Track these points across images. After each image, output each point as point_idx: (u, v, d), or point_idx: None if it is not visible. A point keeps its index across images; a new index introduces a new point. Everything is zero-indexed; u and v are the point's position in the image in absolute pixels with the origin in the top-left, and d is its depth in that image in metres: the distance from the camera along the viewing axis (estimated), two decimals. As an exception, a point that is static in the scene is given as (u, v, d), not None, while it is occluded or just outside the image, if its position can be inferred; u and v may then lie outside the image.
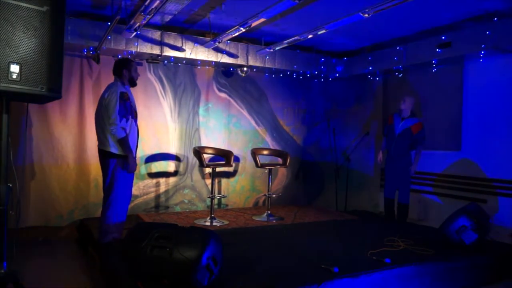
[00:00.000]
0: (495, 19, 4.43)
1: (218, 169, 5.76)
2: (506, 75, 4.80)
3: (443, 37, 4.97)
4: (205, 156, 5.25)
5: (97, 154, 5.19)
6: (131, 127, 3.75)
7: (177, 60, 5.54)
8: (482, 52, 4.70)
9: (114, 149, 3.67)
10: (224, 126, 6.17)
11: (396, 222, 5.21)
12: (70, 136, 5.14)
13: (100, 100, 3.77)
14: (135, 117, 3.83)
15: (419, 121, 5.14)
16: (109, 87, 3.77)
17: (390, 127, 5.32)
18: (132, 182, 3.91)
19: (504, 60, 4.79)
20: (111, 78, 5.27)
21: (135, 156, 3.87)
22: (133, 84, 3.91)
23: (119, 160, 3.70)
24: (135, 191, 5.51)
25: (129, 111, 3.72)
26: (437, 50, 5.04)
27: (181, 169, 5.86)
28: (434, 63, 5.39)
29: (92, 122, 5.19)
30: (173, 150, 5.79)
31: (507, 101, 4.78)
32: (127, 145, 3.68)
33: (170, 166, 5.80)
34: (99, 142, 3.79)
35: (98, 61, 5.07)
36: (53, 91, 2.31)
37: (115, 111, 3.59)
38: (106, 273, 3.43)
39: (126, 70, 3.82)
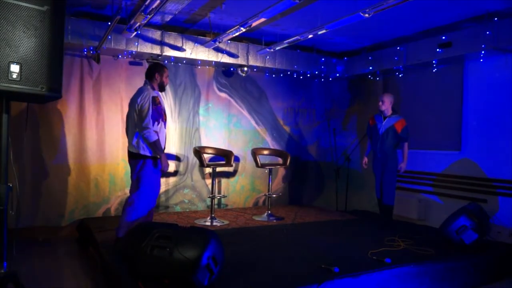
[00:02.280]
0: (495, 19, 4.43)
1: (218, 169, 5.75)
2: (506, 75, 4.79)
3: (444, 37, 4.97)
4: (205, 156, 5.25)
5: (97, 153, 5.30)
6: (160, 130, 3.87)
7: (177, 60, 5.54)
8: (482, 52, 4.70)
9: (143, 151, 3.78)
10: (224, 126, 6.17)
11: (396, 222, 5.20)
12: (70, 136, 5.14)
13: (132, 104, 3.85)
14: (164, 119, 3.94)
15: (401, 118, 5.11)
16: (141, 91, 3.87)
17: (373, 128, 5.29)
18: (158, 183, 3.99)
19: (504, 60, 4.79)
20: (111, 78, 5.36)
21: None
22: (162, 89, 4.02)
23: (147, 161, 3.80)
24: (135, 191, 5.52)
25: (160, 114, 3.83)
26: (438, 50, 5.03)
27: (181, 169, 5.85)
28: (434, 63, 5.39)
29: (92, 121, 5.26)
30: (173, 149, 5.79)
31: (507, 101, 4.77)
32: (160, 147, 3.80)
33: (170, 165, 5.77)
34: (128, 144, 3.90)
35: (98, 61, 5.07)
36: (53, 90, 2.31)
37: (149, 116, 3.70)
38: (106, 273, 3.44)
39: (159, 75, 3.93)
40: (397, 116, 5.14)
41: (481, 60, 5.00)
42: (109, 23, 4.37)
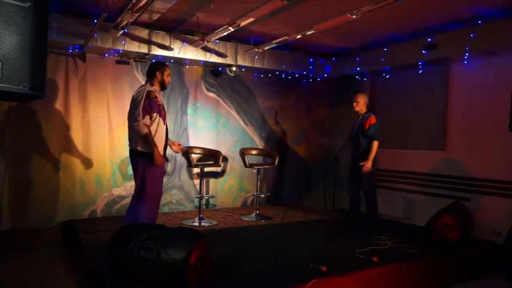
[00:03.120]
0: (479, 22, 4.51)
1: (206, 169, 5.73)
2: (489, 76, 4.88)
3: (429, 39, 5.03)
4: (193, 156, 5.23)
5: (82, 154, 5.22)
6: (158, 126, 3.84)
7: (165, 59, 5.50)
8: (467, 54, 4.77)
9: (141, 147, 3.79)
10: (212, 126, 6.15)
11: (383, 221, 5.25)
12: (54, 135, 5.05)
13: (132, 102, 3.87)
14: (162, 116, 3.91)
15: (371, 116, 5.02)
16: (140, 88, 3.90)
17: (352, 130, 5.27)
18: (161, 180, 4.03)
19: (488, 62, 4.87)
20: (97, 77, 5.29)
21: (164, 155, 4.05)
22: (164, 87, 4.05)
23: (148, 159, 3.80)
24: (121, 191, 5.47)
25: (155, 109, 3.80)
26: (423, 51, 5.09)
27: (169, 169, 5.81)
28: (420, 65, 5.45)
29: (78, 121, 5.19)
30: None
31: (490, 102, 4.86)
32: (151, 140, 3.76)
33: (158, 166, 5.75)
34: (130, 142, 3.93)
35: (84, 60, 5.00)
36: (36, 89, 2.26)
37: (139, 108, 3.71)
38: (93, 276, 3.39)
39: (160, 73, 3.97)
40: (368, 114, 5.08)
41: (465, 62, 5.08)
42: (95, 21, 4.32)
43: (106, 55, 5.26)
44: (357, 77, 6.50)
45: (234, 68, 5.82)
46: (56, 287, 3.59)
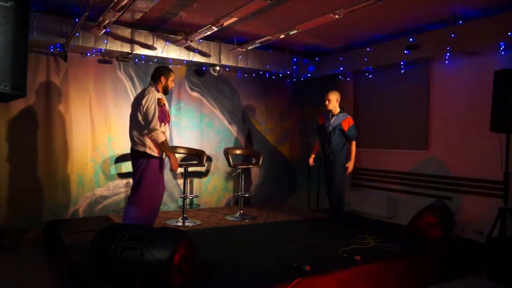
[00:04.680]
0: (460, 22, 4.59)
1: (190, 169, 5.70)
2: (470, 76, 4.97)
3: (411, 39, 5.10)
4: (177, 155, 5.19)
5: (64, 153, 5.14)
6: (166, 131, 3.98)
7: (148, 58, 5.46)
8: (448, 54, 4.85)
9: (149, 150, 3.87)
10: (196, 126, 6.13)
11: (366, 220, 5.30)
12: (35, 135, 4.97)
13: (137, 105, 3.91)
14: (168, 121, 4.04)
15: (348, 117, 5.11)
16: (146, 92, 3.91)
17: (321, 127, 5.29)
18: (161, 184, 4.08)
19: (469, 62, 4.96)
20: (79, 77, 5.22)
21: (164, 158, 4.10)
22: (166, 92, 4.11)
23: (151, 161, 3.89)
24: (104, 191, 5.41)
25: (165, 116, 3.96)
26: (405, 51, 5.16)
27: (153, 169, 5.76)
28: (402, 64, 5.53)
29: (59, 121, 5.11)
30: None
31: (471, 102, 4.95)
32: (167, 146, 3.93)
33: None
34: (132, 143, 3.95)
35: (65, 59, 4.92)
36: (17, 89, 2.22)
37: (155, 117, 3.79)
38: (75, 277, 3.35)
39: (164, 78, 4.03)
40: (345, 114, 5.12)
41: (447, 61, 5.16)
42: (77, 20, 4.26)
43: (88, 54, 5.19)
44: (340, 76, 6.56)
45: (217, 68, 5.82)
46: (37, 290, 3.53)
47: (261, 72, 6.37)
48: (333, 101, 5.11)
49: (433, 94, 5.44)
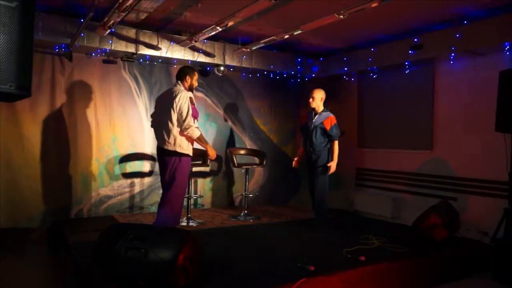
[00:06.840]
0: (465, 22, 4.57)
1: (194, 169, 5.71)
2: (475, 76, 4.94)
3: (416, 39, 5.09)
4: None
5: (69, 153, 5.16)
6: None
7: (152, 58, 5.47)
8: (452, 54, 4.83)
9: (180, 148, 3.98)
10: (200, 126, 6.07)
11: (370, 221, 5.28)
12: (40, 135, 4.99)
13: (167, 103, 3.99)
14: (197, 118, 4.19)
15: (331, 115, 4.85)
16: (178, 92, 4.01)
17: (305, 126, 5.06)
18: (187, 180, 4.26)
19: (473, 62, 4.94)
20: (84, 77, 5.24)
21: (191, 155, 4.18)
22: (191, 91, 4.21)
23: (182, 159, 4.01)
24: (108, 191, 5.43)
25: (197, 113, 4.13)
26: (410, 51, 5.15)
27: (157, 169, 5.74)
28: (407, 65, 5.51)
29: (64, 120, 5.13)
30: (148, 149, 5.71)
31: (476, 102, 4.92)
32: (203, 139, 4.14)
33: (145, 166, 5.72)
34: (160, 141, 4.05)
35: (70, 59, 4.95)
36: (22, 89, 2.24)
37: (190, 115, 3.93)
38: (79, 276, 3.36)
39: (190, 77, 4.17)
40: (327, 113, 4.87)
41: (451, 62, 5.14)
42: (82, 20, 4.28)
43: (93, 54, 5.21)
44: (344, 77, 6.55)
45: (222, 68, 5.82)
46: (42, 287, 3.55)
47: (265, 72, 6.36)
48: (317, 99, 4.88)
49: (437, 95, 5.42)
